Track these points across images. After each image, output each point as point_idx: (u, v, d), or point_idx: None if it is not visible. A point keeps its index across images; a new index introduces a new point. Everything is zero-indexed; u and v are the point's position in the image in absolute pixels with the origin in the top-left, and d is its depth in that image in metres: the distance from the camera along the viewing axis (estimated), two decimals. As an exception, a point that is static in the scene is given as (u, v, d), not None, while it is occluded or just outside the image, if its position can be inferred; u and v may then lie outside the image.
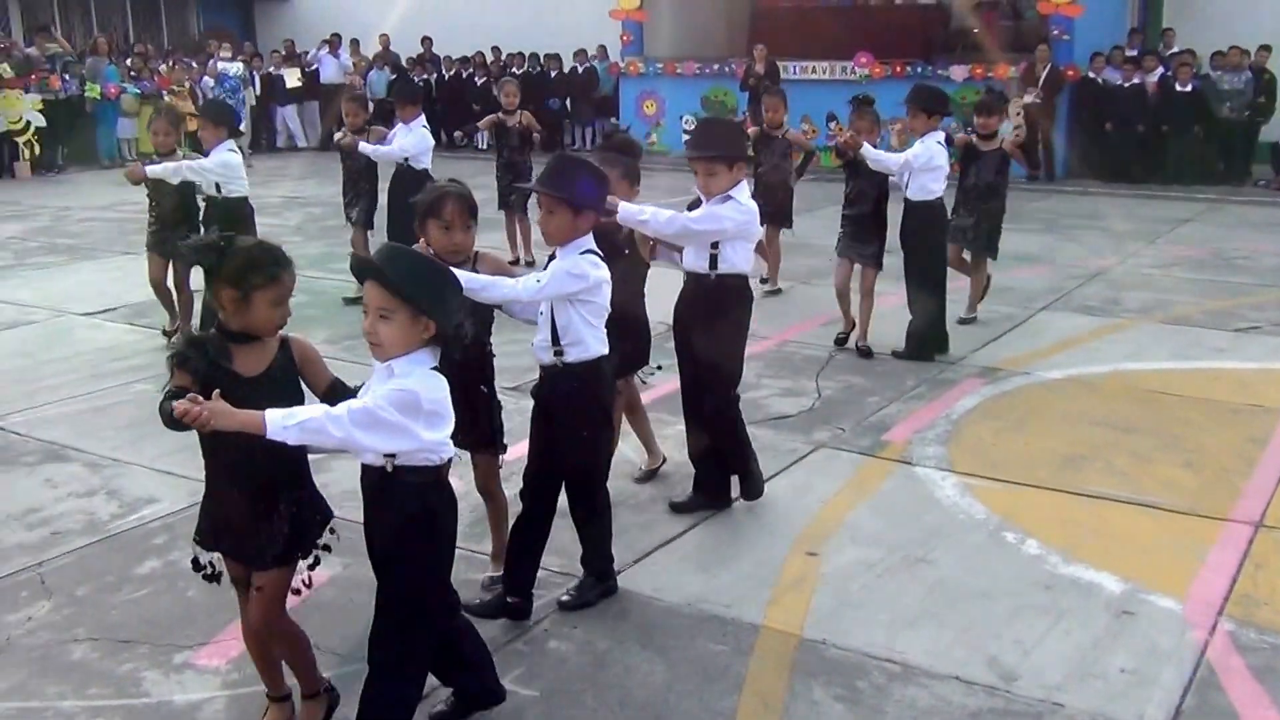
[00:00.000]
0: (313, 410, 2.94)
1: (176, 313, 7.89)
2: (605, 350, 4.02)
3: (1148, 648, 3.94)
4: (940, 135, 7.34)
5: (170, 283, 7.89)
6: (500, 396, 4.36)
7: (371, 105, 22.05)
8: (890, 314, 7.76)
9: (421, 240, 4.08)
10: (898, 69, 17.14)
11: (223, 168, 7.52)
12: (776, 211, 9.08)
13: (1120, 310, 8.89)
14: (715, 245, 4.79)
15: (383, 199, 9.29)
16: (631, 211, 4.54)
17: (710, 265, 4.83)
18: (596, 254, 3.96)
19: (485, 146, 20.94)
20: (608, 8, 19.62)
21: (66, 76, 18.73)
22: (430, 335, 3.01)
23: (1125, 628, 4.08)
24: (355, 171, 9.28)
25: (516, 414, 5.14)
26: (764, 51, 17.29)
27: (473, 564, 4.55)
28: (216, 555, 3.42)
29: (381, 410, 2.91)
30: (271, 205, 14.72)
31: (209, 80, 19.95)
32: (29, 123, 18.08)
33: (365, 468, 3.15)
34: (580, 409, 4.03)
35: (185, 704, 3.68)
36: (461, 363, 3.54)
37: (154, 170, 7.38)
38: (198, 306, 7.39)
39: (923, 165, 7.20)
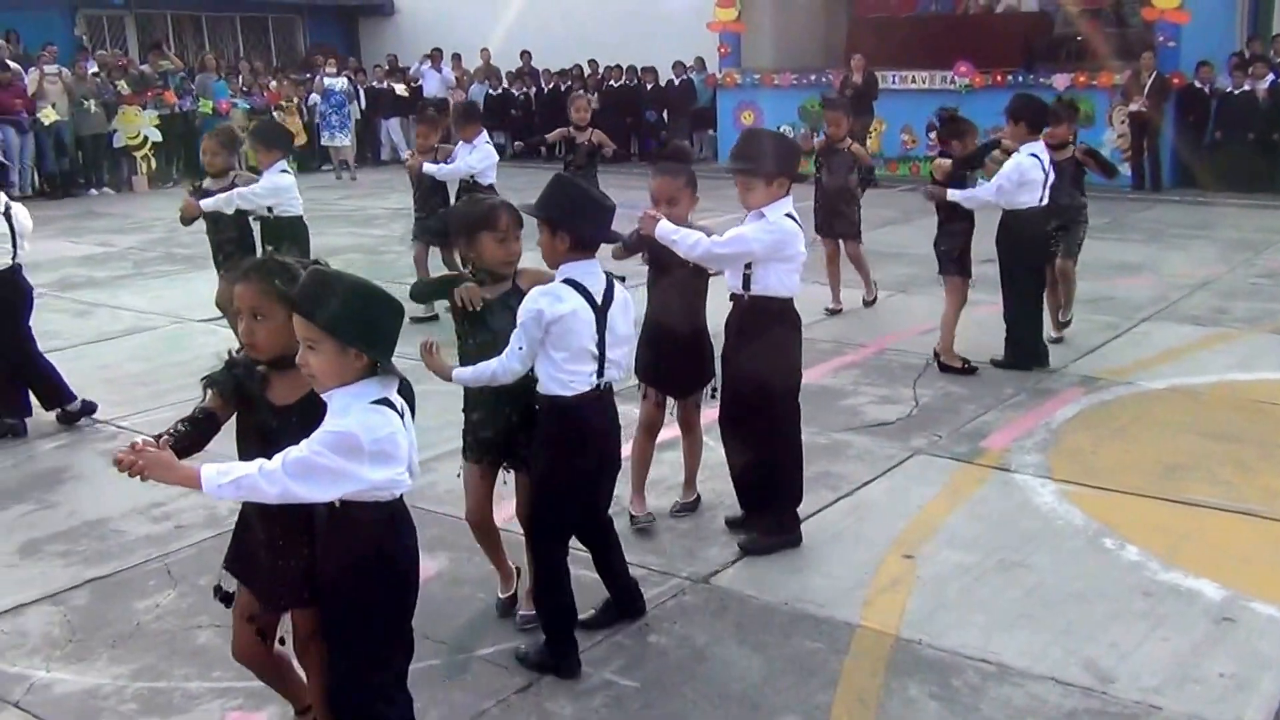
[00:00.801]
0: (249, 465, 2.75)
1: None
2: (560, 390, 3.75)
3: (1248, 654, 3.92)
4: (1036, 147, 7.24)
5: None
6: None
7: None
8: (986, 322, 7.73)
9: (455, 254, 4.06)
10: (998, 78, 16.94)
11: (273, 192, 7.35)
12: (843, 226, 9.04)
13: (1227, 320, 8.71)
14: (749, 265, 4.58)
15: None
16: (666, 230, 4.44)
17: (744, 285, 4.63)
18: (573, 283, 3.72)
19: (561, 154, 21.31)
20: (705, 20, 19.75)
21: (182, 93, 19.46)
22: (365, 365, 2.78)
23: (1225, 634, 4.06)
24: (426, 190, 9.37)
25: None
26: (861, 61, 17.24)
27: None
28: (238, 585, 3.32)
29: (318, 456, 2.69)
30: (379, 216, 15.15)
31: (315, 96, 20.57)
32: (146, 138, 18.83)
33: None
34: (539, 446, 3.90)
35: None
36: None
37: (207, 204, 7.17)
38: None
39: (1015, 184, 7.10)
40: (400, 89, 22.01)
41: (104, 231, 14.45)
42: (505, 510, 4.41)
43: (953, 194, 7.17)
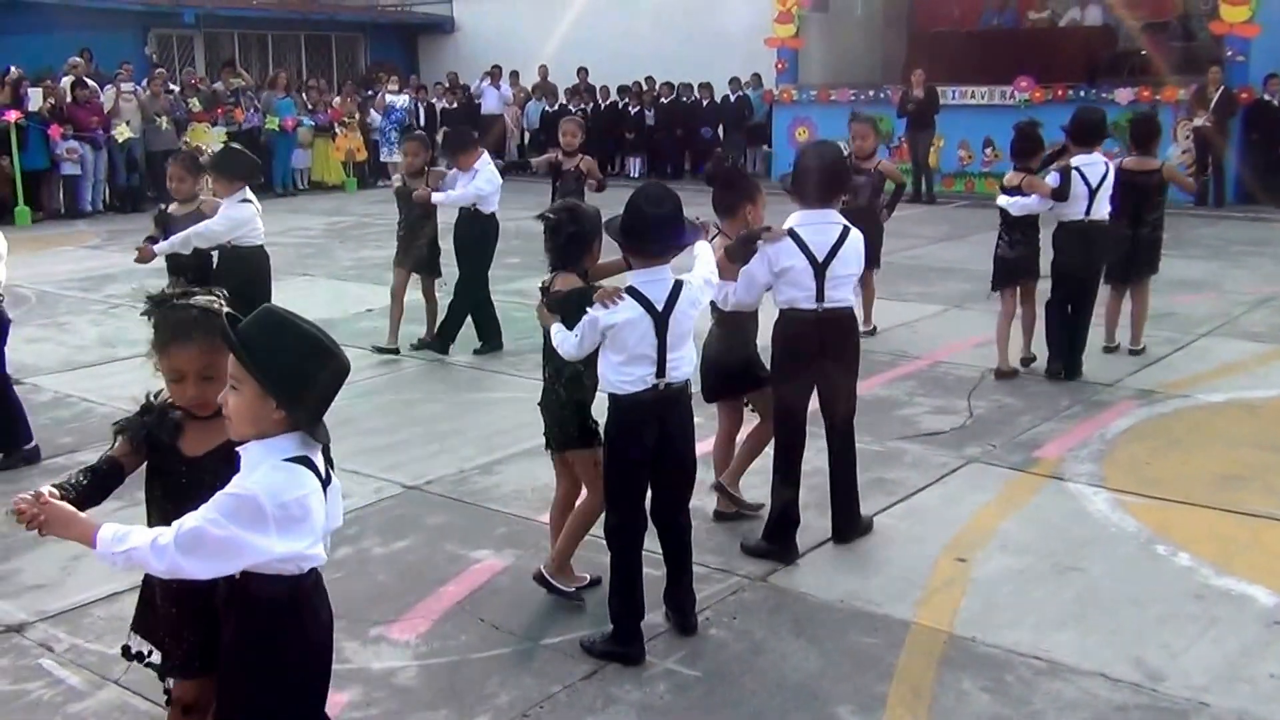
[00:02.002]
0: (146, 534, 2.45)
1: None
2: (615, 388, 4.02)
3: (1300, 657, 4.00)
4: (1084, 159, 7.41)
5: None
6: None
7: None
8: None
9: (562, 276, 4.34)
10: (1060, 92, 16.92)
11: (231, 226, 6.99)
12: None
13: (1288, 336, 8.71)
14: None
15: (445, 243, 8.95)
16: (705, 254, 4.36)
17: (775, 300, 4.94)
18: (635, 292, 3.96)
19: (547, 177, 21.52)
20: (762, 36, 19.92)
21: (252, 110, 19.96)
22: (284, 419, 2.48)
23: (1277, 637, 4.14)
24: (417, 218, 8.61)
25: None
26: (922, 76, 17.30)
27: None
28: (150, 647, 3.16)
29: (212, 526, 2.38)
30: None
31: (376, 114, 21.00)
32: (213, 154, 19.35)
33: None
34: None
35: (382, 670, 4.07)
36: None
37: (162, 248, 6.97)
38: None
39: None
40: (441, 103, 22.29)
41: (176, 244, 14.88)
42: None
43: (1001, 200, 7.44)
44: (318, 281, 11.74)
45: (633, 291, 3.97)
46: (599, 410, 4.31)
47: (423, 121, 22.04)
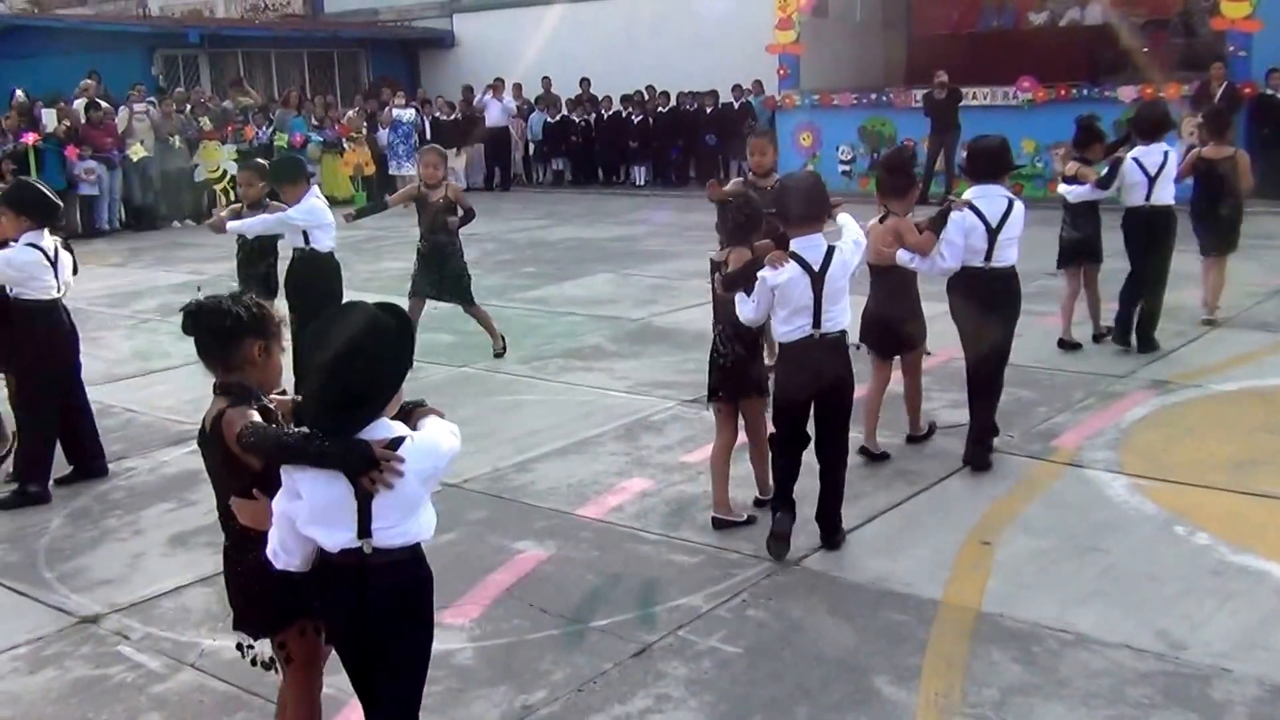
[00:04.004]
0: None
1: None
2: (783, 337, 4.95)
3: (1314, 625, 4.18)
4: (1141, 151, 8.03)
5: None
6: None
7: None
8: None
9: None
10: (1062, 92, 17.08)
11: (306, 217, 7.41)
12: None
13: (1299, 327, 8.88)
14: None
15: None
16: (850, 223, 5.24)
17: None
18: (795, 256, 4.82)
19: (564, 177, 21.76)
20: (763, 43, 20.11)
21: (261, 128, 20.19)
22: None
23: (1293, 608, 4.32)
24: (251, 250, 7.96)
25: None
26: (945, 78, 17.36)
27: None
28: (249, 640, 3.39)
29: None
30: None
31: (381, 129, 21.22)
32: (225, 171, 19.56)
33: None
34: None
35: (440, 651, 4.17)
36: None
37: (235, 226, 7.60)
38: None
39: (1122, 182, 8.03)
40: (441, 115, 22.50)
41: (194, 260, 15.07)
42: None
43: (1061, 187, 8.16)
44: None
45: (794, 255, 4.79)
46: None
47: (429, 135, 22.27)
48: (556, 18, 23.13)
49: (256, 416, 3.02)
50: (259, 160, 10.54)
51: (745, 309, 4.94)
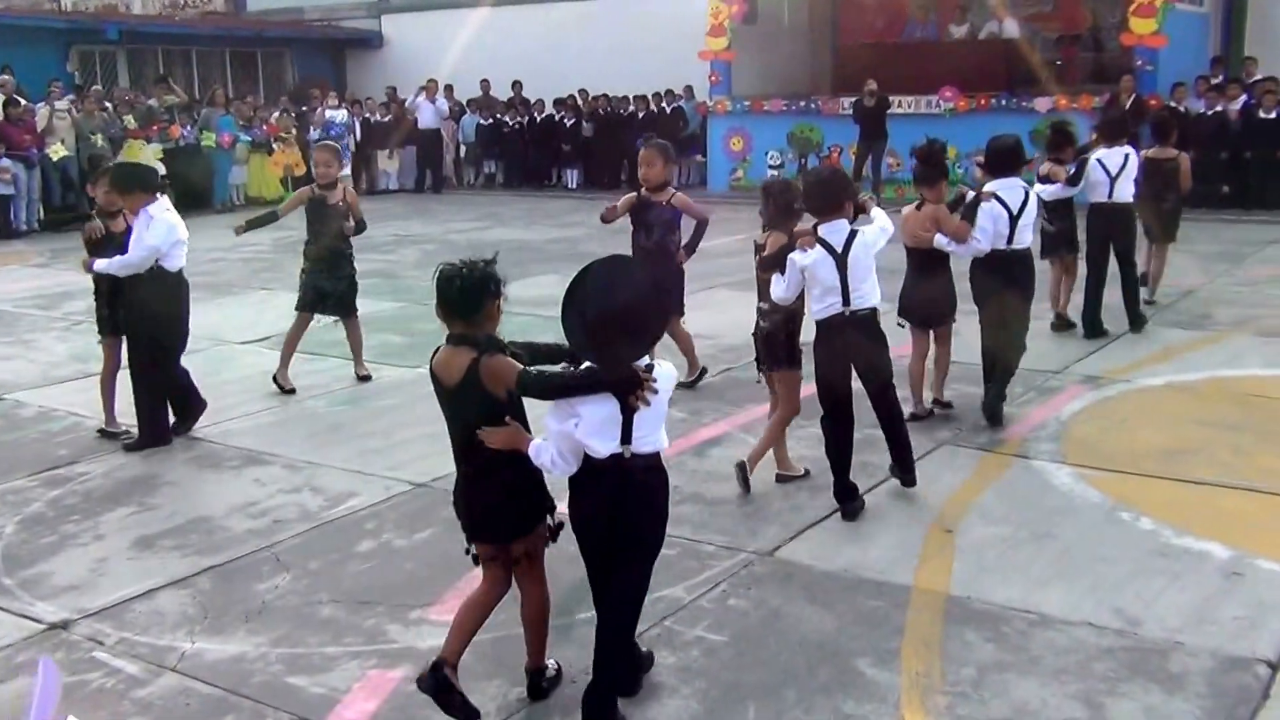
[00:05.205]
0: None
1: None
2: (817, 315, 5.52)
3: (1256, 601, 4.49)
4: (1103, 153, 8.92)
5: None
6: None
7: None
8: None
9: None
10: (982, 102, 17.64)
11: (169, 233, 6.76)
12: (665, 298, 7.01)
13: (1212, 325, 9.35)
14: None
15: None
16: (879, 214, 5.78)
17: None
18: (821, 240, 5.36)
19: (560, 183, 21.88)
20: (695, 49, 20.37)
21: (187, 128, 19.89)
22: None
23: (1235, 586, 4.63)
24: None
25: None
26: (874, 86, 17.72)
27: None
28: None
29: None
30: (385, 244, 15.60)
31: (312, 130, 21.03)
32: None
33: None
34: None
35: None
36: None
37: (101, 266, 6.85)
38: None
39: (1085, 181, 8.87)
40: (373, 116, 22.40)
41: (123, 262, 14.87)
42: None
43: (1038, 187, 8.61)
44: (278, 294, 11.85)
45: (820, 239, 5.32)
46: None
47: (359, 136, 22.15)
48: (486, 20, 23.14)
49: (512, 360, 3.71)
50: (330, 142, 10.64)
51: (777, 288, 5.50)
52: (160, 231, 6.75)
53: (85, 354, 9.34)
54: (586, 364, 3.62)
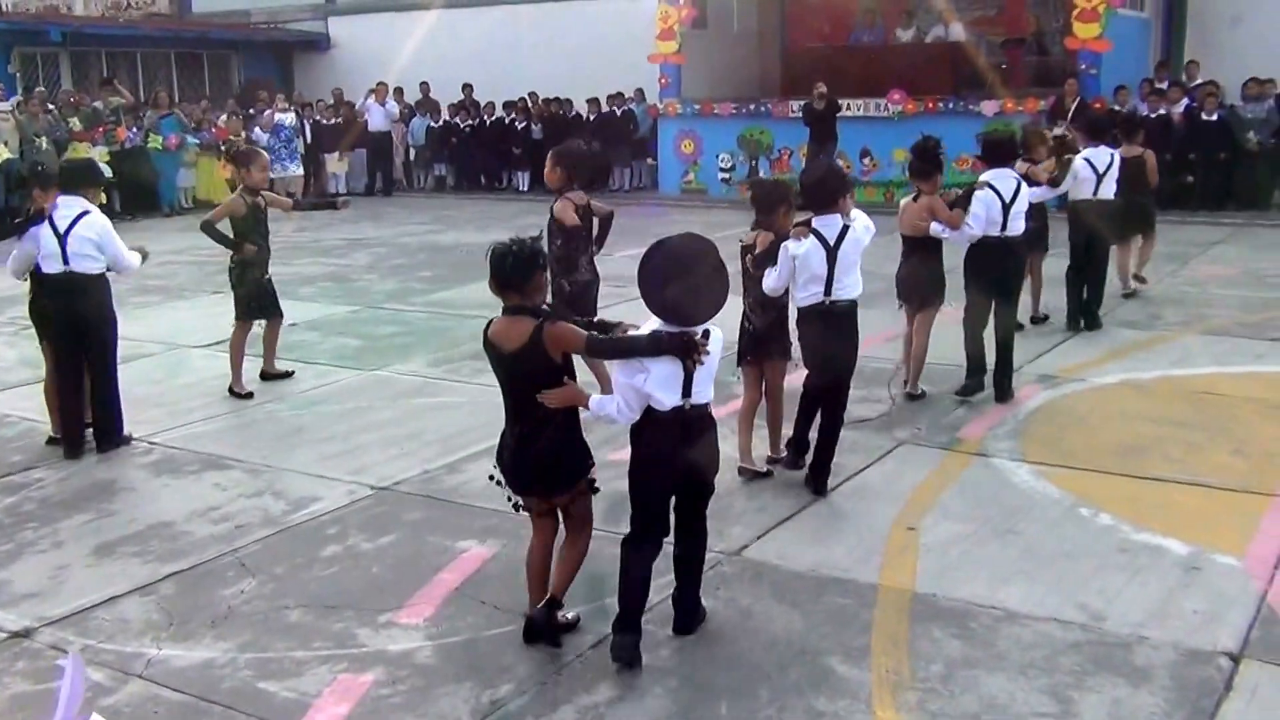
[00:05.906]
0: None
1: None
2: (801, 303, 5.83)
3: (1215, 594, 4.58)
4: (1090, 152, 9.30)
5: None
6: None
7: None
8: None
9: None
10: (930, 104, 17.83)
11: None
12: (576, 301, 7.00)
13: (1161, 324, 9.52)
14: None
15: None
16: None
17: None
18: (815, 231, 5.63)
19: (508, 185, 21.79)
20: (645, 52, 20.39)
21: (133, 130, 19.59)
22: None
23: (1194, 580, 4.72)
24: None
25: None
26: (824, 89, 17.77)
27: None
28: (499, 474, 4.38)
29: None
30: (337, 247, 15.48)
31: (260, 132, 20.79)
32: (96, 174, 18.93)
33: None
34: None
35: (399, 651, 4.33)
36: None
37: None
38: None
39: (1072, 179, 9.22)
40: (322, 119, 22.21)
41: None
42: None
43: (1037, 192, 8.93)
44: (231, 298, 11.72)
45: (813, 231, 5.58)
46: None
47: (309, 139, 21.93)
48: (435, 23, 23.00)
49: (575, 327, 4.15)
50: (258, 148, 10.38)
51: (769, 279, 5.70)
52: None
53: (36, 359, 9.08)
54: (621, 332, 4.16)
